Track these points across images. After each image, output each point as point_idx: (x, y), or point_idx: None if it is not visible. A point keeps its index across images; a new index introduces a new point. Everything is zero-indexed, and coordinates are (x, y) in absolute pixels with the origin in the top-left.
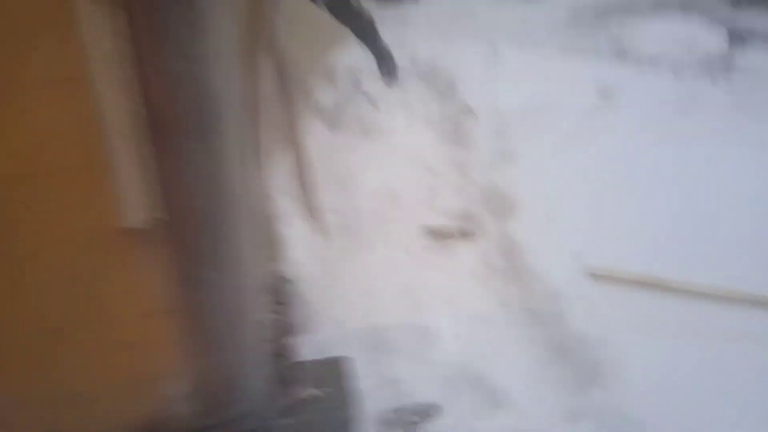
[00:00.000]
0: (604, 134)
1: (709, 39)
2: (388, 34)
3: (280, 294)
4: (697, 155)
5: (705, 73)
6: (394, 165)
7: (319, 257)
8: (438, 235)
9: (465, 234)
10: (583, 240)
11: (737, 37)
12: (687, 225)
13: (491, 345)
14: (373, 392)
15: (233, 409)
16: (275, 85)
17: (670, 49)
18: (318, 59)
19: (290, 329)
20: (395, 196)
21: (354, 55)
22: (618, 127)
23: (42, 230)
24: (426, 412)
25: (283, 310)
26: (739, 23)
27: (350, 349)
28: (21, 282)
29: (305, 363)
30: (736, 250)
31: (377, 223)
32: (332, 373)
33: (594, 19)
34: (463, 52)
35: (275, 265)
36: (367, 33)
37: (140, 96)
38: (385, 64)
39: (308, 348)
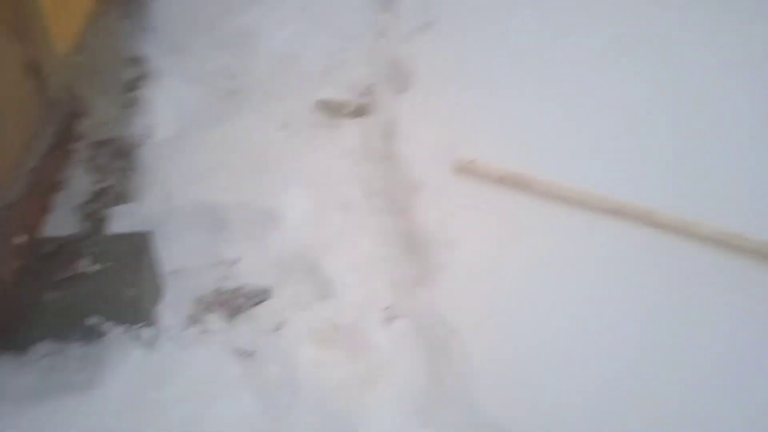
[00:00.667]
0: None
1: None
2: None
3: (119, 157)
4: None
5: None
6: (307, 25)
7: (182, 123)
8: (330, 110)
9: (359, 111)
10: (463, 127)
11: None
12: (582, 124)
13: (337, 233)
14: (200, 272)
15: None
16: None
17: None
18: None
19: (114, 196)
20: (298, 61)
21: None
22: None
23: None
24: (253, 296)
25: (116, 174)
26: None
27: (182, 224)
28: None
29: (100, 236)
30: (629, 160)
31: (267, 90)
32: (130, 248)
33: None
34: None
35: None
36: None
37: None
38: None
39: (130, 219)
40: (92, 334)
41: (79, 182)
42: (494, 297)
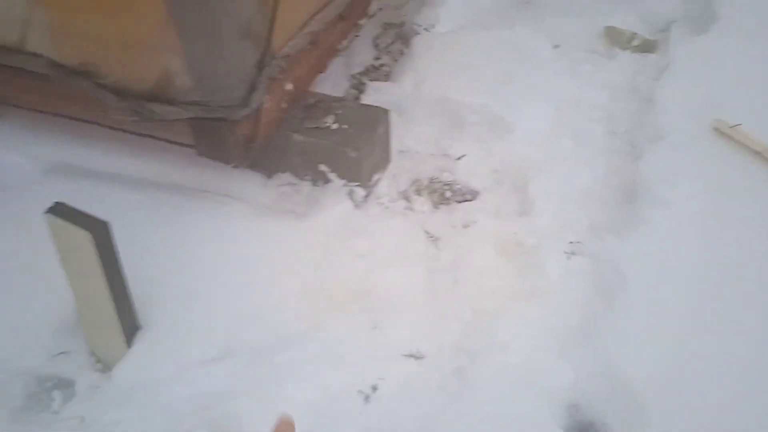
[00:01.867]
0: None
1: None
2: None
3: (399, 40)
4: None
5: None
6: None
7: (464, 22)
8: (614, 39)
9: (644, 47)
10: (742, 87)
11: None
12: None
13: (560, 160)
14: (425, 158)
15: (220, 97)
16: None
17: None
18: None
19: (380, 73)
20: None
21: None
22: None
23: None
24: (462, 193)
25: (391, 56)
26: None
27: (424, 111)
28: None
29: (350, 101)
30: None
31: (560, 7)
32: (369, 119)
33: None
34: None
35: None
36: None
37: None
38: None
39: (383, 95)
40: (320, 179)
41: (357, 54)
42: (682, 268)
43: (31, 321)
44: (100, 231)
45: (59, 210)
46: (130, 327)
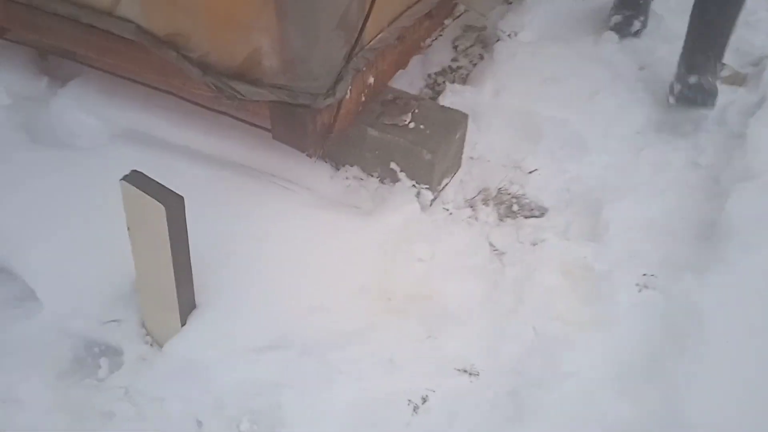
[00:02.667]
0: None
1: None
2: None
3: (480, 44)
4: None
5: None
6: None
7: (548, 32)
8: None
9: (734, 79)
10: None
11: None
12: None
13: (638, 187)
14: (495, 168)
15: (302, 82)
16: None
17: None
18: None
19: (459, 75)
20: None
21: None
22: None
23: None
24: (530, 208)
25: (470, 58)
26: None
27: (500, 119)
28: None
29: (428, 102)
30: None
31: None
32: (446, 121)
33: None
34: None
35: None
36: None
37: None
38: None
39: (460, 98)
40: (388, 177)
41: (435, 54)
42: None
43: (86, 284)
44: (174, 205)
45: (135, 178)
46: (187, 305)
